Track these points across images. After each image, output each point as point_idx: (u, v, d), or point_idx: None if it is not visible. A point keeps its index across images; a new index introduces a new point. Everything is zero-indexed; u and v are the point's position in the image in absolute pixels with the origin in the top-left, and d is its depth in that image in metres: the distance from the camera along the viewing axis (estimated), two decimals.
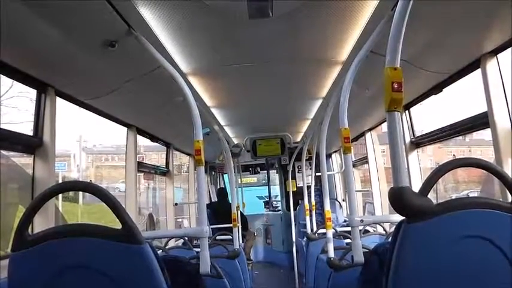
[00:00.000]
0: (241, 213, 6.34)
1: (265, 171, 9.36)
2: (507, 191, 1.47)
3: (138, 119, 4.07)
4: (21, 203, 2.81)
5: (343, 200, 7.47)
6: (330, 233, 3.31)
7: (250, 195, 10.49)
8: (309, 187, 5.70)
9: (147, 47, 2.25)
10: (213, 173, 9.27)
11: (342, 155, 2.94)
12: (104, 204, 1.48)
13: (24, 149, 2.59)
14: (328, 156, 7.72)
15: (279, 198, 8.97)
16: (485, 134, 2.77)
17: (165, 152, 5.70)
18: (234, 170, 5.43)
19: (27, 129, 2.66)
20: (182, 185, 8.01)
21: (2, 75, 2.34)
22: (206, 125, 4.08)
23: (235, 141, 6.61)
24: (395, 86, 1.38)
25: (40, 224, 2.43)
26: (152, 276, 1.46)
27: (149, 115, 4.02)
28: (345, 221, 6.67)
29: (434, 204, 1.37)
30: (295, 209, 7.14)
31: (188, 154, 6.71)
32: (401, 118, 3.86)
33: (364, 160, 5.80)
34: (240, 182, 7.84)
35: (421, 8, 1.70)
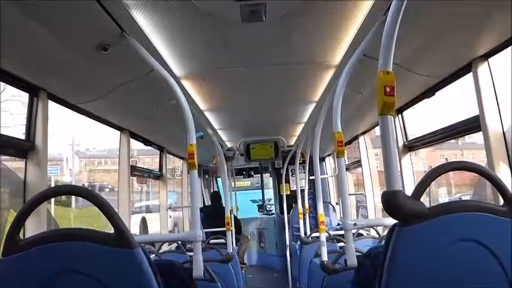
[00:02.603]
0: (234, 216, 6.33)
1: (259, 175, 9.35)
2: (499, 194, 1.48)
3: (131, 123, 4.06)
4: (13, 208, 2.79)
5: (337, 204, 7.49)
6: (323, 236, 3.31)
7: (244, 199, 10.48)
8: (302, 190, 5.70)
9: (140, 50, 2.25)
10: (207, 176, 9.26)
11: (336, 158, 2.94)
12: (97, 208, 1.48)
13: (16, 153, 2.57)
14: (322, 159, 7.73)
15: (272, 201, 8.97)
16: (477, 138, 2.78)
17: (159, 156, 5.69)
18: (228, 174, 5.43)
19: (20, 132, 2.65)
20: (176, 189, 7.99)
21: None
22: (199, 129, 4.08)
23: (229, 144, 6.61)
24: (388, 90, 1.39)
25: (32, 228, 2.42)
26: (145, 281, 1.45)
27: (142, 119, 4.01)
28: (338, 225, 6.68)
29: (427, 207, 1.38)
30: (288, 213, 7.14)
31: (182, 158, 6.70)
32: (394, 122, 3.88)
33: (357, 164, 5.82)
34: (233, 185, 7.83)
35: (414, 12, 1.71)
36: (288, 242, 7.02)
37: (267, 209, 9.31)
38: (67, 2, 1.80)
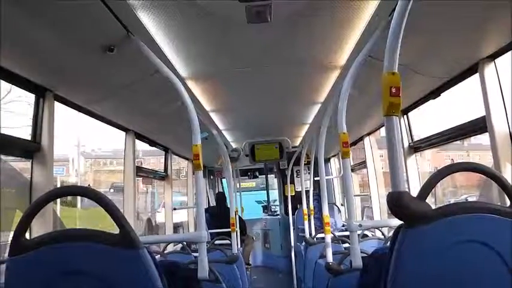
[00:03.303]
0: (239, 217, 6.32)
1: (264, 176, 9.34)
2: (505, 195, 1.47)
3: (136, 124, 4.07)
4: (19, 208, 2.81)
5: (342, 205, 7.47)
6: (328, 237, 3.30)
7: (249, 200, 10.46)
8: (307, 191, 5.69)
9: (145, 51, 2.26)
10: (212, 177, 9.26)
11: (341, 159, 2.94)
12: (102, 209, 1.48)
13: (22, 153, 2.59)
14: (327, 160, 7.71)
15: (277, 202, 8.96)
16: (484, 139, 2.77)
17: (164, 157, 5.70)
18: (233, 175, 5.43)
19: (26, 133, 2.67)
20: (181, 190, 8.01)
21: (1, 80, 2.35)
22: (205, 130, 4.08)
23: (234, 145, 6.61)
24: (393, 91, 1.38)
25: (38, 228, 2.43)
26: (150, 281, 1.45)
27: (148, 119, 4.02)
28: (343, 226, 6.66)
29: (433, 208, 1.37)
30: (293, 214, 7.13)
31: (187, 159, 6.71)
32: (400, 123, 3.87)
33: (362, 165, 5.80)
34: (238, 186, 7.83)
35: (419, 13, 1.70)
36: (292, 243, 7.01)
37: (272, 210, 9.30)
38: (73, 3, 1.80)
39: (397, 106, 1.39)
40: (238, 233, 5.22)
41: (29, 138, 2.62)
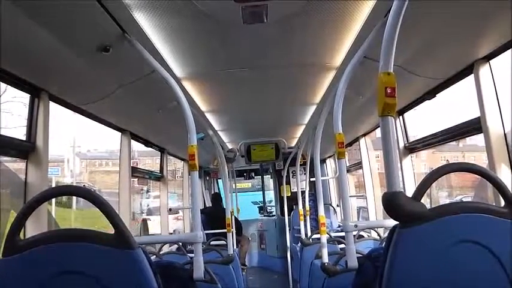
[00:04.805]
0: (235, 218, 6.33)
1: (260, 177, 9.36)
2: (500, 195, 1.47)
3: (132, 124, 4.06)
4: (14, 208, 2.79)
5: (338, 205, 7.48)
6: (324, 238, 3.31)
7: (245, 201, 10.47)
8: (303, 192, 5.70)
9: (141, 51, 2.25)
10: (207, 178, 9.25)
11: (336, 160, 2.94)
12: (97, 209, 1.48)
13: (17, 153, 2.57)
14: (323, 161, 7.73)
15: (273, 203, 8.97)
16: (479, 140, 2.78)
17: (159, 157, 5.69)
18: (228, 175, 5.43)
19: (20, 134, 2.65)
20: (176, 190, 7.98)
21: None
22: (200, 130, 4.08)
23: (230, 146, 6.60)
24: (389, 91, 1.38)
25: (32, 229, 2.42)
26: (145, 282, 1.45)
27: (143, 120, 4.01)
28: (339, 226, 6.68)
29: (428, 209, 1.38)
30: (289, 214, 7.14)
31: (182, 159, 6.70)
32: (395, 123, 3.88)
33: (358, 165, 5.82)
34: (234, 187, 7.83)
35: (415, 13, 1.71)
36: (288, 244, 7.01)
37: (268, 210, 9.30)
38: (68, 3, 1.80)
39: (392, 106, 1.40)
40: (234, 234, 5.22)
41: (24, 138, 2.60)
